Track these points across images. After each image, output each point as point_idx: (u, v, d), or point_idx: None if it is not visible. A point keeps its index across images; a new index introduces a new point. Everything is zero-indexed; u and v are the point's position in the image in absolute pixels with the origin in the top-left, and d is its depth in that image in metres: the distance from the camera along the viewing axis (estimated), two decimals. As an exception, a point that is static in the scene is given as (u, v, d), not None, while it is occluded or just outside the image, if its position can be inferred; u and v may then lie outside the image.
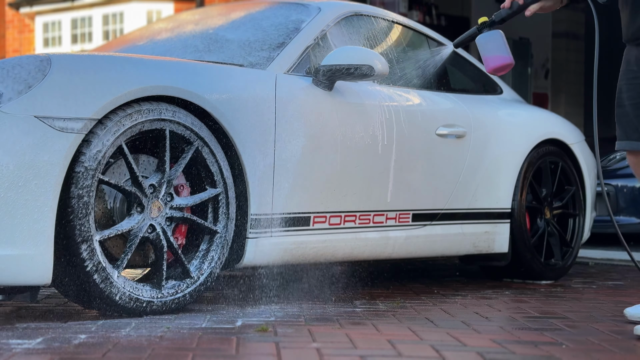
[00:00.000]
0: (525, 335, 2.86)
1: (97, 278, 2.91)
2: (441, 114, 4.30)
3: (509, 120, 4.72)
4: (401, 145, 4.02)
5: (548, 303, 3.78)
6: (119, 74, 3.01)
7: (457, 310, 3.46)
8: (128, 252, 3.05)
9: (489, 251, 4.53)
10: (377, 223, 3.94)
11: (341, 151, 3.73)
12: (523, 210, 4.64)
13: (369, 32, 4.27)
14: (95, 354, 2.34)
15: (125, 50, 4.20)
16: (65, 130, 2.84)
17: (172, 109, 3.14)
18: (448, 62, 4.71)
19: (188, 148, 3.21)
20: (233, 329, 2.81)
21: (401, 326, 2.98)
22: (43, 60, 2.91)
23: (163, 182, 3.15)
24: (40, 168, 2.78)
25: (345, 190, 3.77)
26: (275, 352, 2.43)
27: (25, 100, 2.81)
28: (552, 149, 4.87)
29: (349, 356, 2.39)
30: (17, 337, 2.57)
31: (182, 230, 3.27)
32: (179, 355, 2.35)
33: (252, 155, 3.38)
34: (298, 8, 4.14)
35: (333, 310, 3.34)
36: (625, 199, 6.83)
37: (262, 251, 3.46)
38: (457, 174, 4.34)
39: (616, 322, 3.22)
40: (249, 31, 4.00)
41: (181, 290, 3.17)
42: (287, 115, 3.53)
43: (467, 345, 2.64)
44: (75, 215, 2.86)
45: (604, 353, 2.57)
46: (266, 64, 3.69)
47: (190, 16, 4.57)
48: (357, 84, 3.94)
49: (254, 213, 3.40)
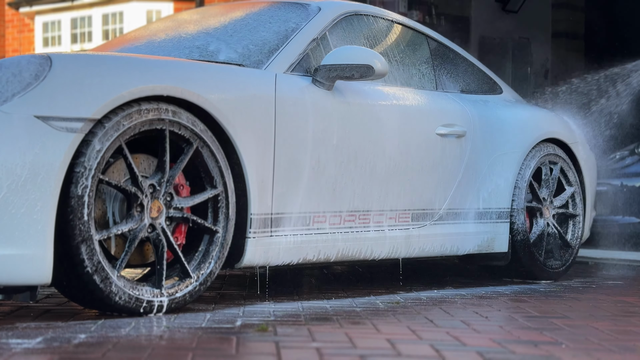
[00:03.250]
0: (525, 334, 2.86)
1: (97, 278, 2.91)
2: (441, 113, 4.30)
3: (508, 119, 4.72)
4: (401, 144, 4.02)
5: (548, 303, 3.78)
6: (119, 73, 3.01)
7: (457, 310, 3.46)
8: (128, 252, 3.05)
9: (489, 251, 4.53)
10: (377, 223, 3.94)
11: (341, 151, 3.73)
12: (523, 209, 4.64)
13: (369, 32, 4.27)
14: (95, 353, 2.34)
15: (124, 50, 4.20)
16: (65, 130, 2.84)
17: (172, 109, 3.14)
18: (448, 61, 4.71)
19: (188, 148, 3.21)
20: (233, 329, 2.81)
21: (401, 325, 2.98)
22: (43, 59, 2.91)
23: (163, 182, 3.15)
24: (40, 168, 2.78)
25: (345, 190, 3.77)
26: (275, 351, 2.43)
27: (25, 100, 2.81)
28: (552, 148, 4.87)
29: (348, 356, 2.39)
30: (17, 337, 2.57)
31: (181, 230, 3.27)
32: (179, 355, 2.35)
33: (252, 155, 3.38)
34: (298, 8, 4.14)
35: (333, 310, 3.34)
36: (625, 198, 6.83)
37: (262, 251, 3.46)
38: (456, 174, 4.34)
39: (616, 322, 3.22)
40: (249, 31, 4.00)
41: (181, 290, 3.17)
42: (287, 115, 3.53)
43: (466, 344, 2.64)
44: (75, 215, 2.86)
45: (604, 353, 2.57)
46: (266, 64, 3.69)
47: (190, 16, 4.57)
48: (357, 84, 3.94)
49: (254, 213, 3.40)
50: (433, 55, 4.61)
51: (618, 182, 6.91)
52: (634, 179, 6.81)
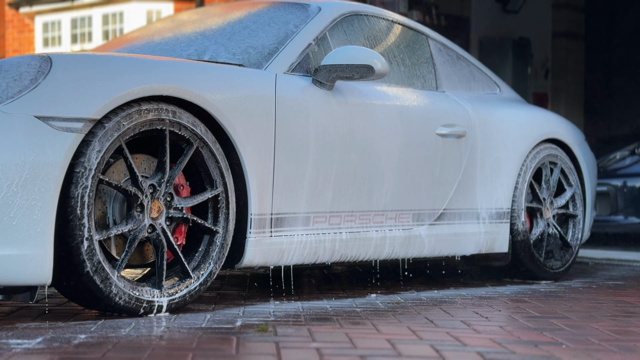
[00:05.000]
0: (525, 335, 2.86)
1: (97, 278, 2.91)
2: (441, 113, 4.30)
3: (509, 120, 4.72)
4: (401, 144, 4.02)
5: (548, 303, 3.78)
6: (119, 74, 3.01)
7: (457, 310, 3.46)
8: (128, 252, 3.05)
9: (489, 251, 4.53)
10: (377, 223, 3.94)
11: (341, 151, 3.73)
12: (523, 210, 4.65)
13: (369, 32, 4.27)
14: (95, 354, 2.34)
15: (125, 50, 4.20)
16: (65, 130, 2.84)
17: (172, 109, 3.14)
18: (448, 61, 4.71)
19: (188, 148, 3.21)
20: (233, 329, 2.81)
21: (401, 326, 2.98)
22: (43, 60, 2.91)
23: (163, 182, 3.15)
24: (40, 168, 2.78)
25: (345, 190, 3.77)
26: (275, 352, 2.43)
27: (26, 101, 2.81)
28: (552, 148, 4.87)
29: (348, 356, 2.39)
30: (17, 337, 2.57)
31: (182, 230, 3.27)
32: (179, 355, 2.35)
33: (252, 155, 3.38)
34: (298, 8, 4.14)
35: (333, 310, 3.34)
36: (625, 198, 6.83)
37: (262, 251, 3.46)
38: (456, 174, 4.34)
39: (616, 322, 3.22)
40: (249, 31, 4.00)
41: (181, 290, 3.17)
42: (287, 115, 3.53)
43: (467, 345, 2.64)
44: (75, 215, 2.86)
45: (604, 353, 2.57)
46: (266, 64, 3.69)
47: (190, 16, 4.57)
48: (357, 84, 3.94)
49: (254, 213, 3.40)
50: (433, 56, 4.61)
51: (618, 182, 6.91)
52: (634, 179, 6.81)
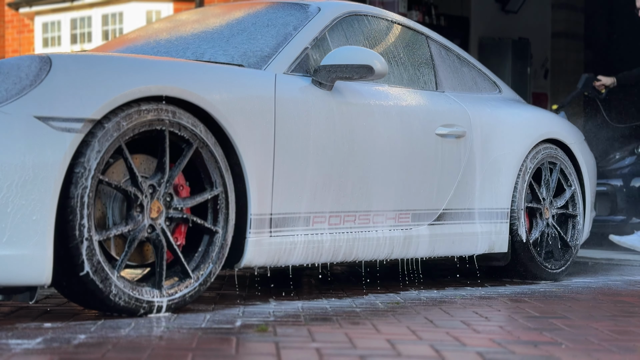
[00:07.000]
0: (525, 335, 2.86)
1: (97, 278, 2.91)
2: (440, 114, 4.31)
3: (508, 120, 4.72)
4: (400, 145, 4.02)
5: (548, 303, 3.78)
6: (118, 74, 3.01)
7: (456, 310, 3.46)
8: (127, 252, 3.05)
9: (489, 251, 4.53)
10: (377, 223, 3.94)
11: (341, 151, 3.73)
12: (522, 210, 4.64)
13: (369, 32, 4.27)
14: (95, 354, 2.34)
15: (124, 50, 4.20)
16: (65, 130, 2.84)
17: (172, 109, 3.14)
18: (448, 62, 4.71)
19: (187, 148, 3.21)
20: (233, 329, 2.81)
21: (400, 326, 2.98)
22: (43, 60, 2.91)
23: (162, 182, 3.15)
24: (40, 168, 2.78)
25: (344, 190, 3.77)
26: (275, 352, 2.43)
27: (25, 101, 2.81)
28: (552, 148, 4.87)
29: (348, 356, 2.39)
30: (17, 337, 2.57)
31: (181, 231, 3.27)
32: (179, 355, 2.35)
33: (252, 155, 3.38)
34: (298, 8, 4.14)
35: (333, 310, 3.34)
36: (625, 198, 6.83)
37: (262, 251, 3.46)
38: (456, 174, 4.34)
39: (616, 322, 3.22)
40: (249, 31, 4.00)
41: (181, 290, 3.17)
42: (287, 116, 3.53)
43: (466, 345, 2.64)
44: (74, 216, 2.86)
45: (604, 353, 2.57)
46: (266, 64, 3.69)
47: (189, 16, 4.57)
48: (356, 84, 3.94)
49: (254, 213, 3.40)
50: (433, 56, 4.61)
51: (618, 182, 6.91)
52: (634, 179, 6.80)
